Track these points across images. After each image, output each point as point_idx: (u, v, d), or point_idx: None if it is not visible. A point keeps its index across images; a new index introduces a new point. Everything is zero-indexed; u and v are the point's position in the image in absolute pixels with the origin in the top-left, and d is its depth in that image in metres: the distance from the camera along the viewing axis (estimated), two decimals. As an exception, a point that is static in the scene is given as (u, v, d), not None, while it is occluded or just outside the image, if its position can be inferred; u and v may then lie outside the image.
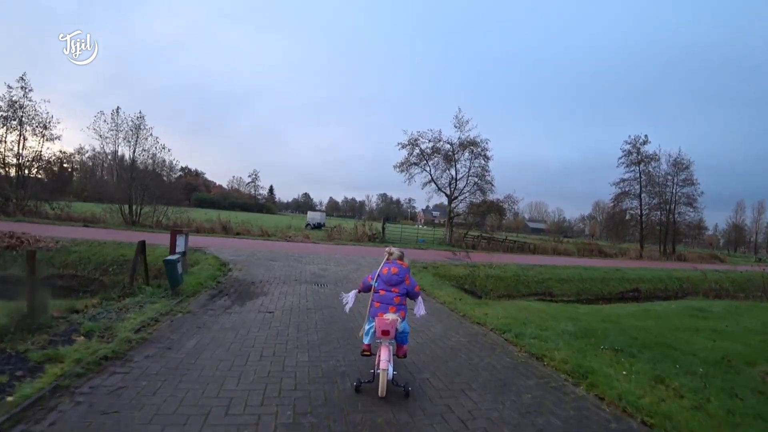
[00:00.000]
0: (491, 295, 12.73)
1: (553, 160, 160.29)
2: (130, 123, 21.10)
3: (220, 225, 23.34)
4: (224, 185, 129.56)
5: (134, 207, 21.44)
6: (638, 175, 39.88)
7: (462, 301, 8.46)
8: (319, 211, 40.50)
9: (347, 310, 4.39)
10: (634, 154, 39.51)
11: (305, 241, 19.76)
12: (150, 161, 22.10)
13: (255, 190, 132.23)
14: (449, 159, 29.53)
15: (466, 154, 29.50)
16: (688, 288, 19.15)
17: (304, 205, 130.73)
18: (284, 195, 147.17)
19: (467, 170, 29.76)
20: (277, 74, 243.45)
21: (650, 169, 39.57)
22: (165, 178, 25.21)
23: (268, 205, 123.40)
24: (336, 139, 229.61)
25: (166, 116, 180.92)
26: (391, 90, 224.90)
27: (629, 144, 39.49)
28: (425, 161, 29.71)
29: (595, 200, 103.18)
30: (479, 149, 29.03)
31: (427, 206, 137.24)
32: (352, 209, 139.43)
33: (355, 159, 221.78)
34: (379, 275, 3.99)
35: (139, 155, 21.71)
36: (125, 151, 21.41)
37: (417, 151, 29.57)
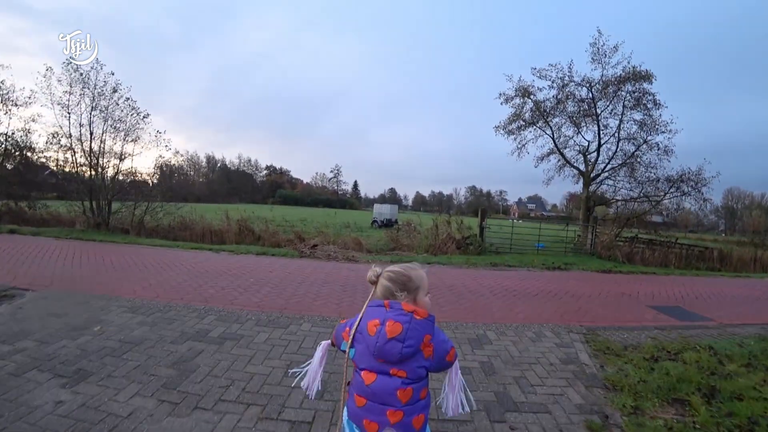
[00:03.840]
0: None
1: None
2: (84, 80, 13.87)
3: (238, 226, 15.74)
4: (310, 182, 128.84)
5: (101, 204, 14.41)
6: None
7: None
8: (390, 203, 31.35)
9: (311, 396, 1.80)
10: None
11: (335, 260, 10.72)
12: (122, 138, 14.79)
13: (337, 186, 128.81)
14: (584, 115, 18.25)
15: (610, 106, 17.96)
16: None
17: (389, 200, 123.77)
18: (371, 191, 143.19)
19: (615, 129, 18.18)
20: (357, 75, 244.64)
21: None
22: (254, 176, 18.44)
23: (350, 200, 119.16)
24: (421, 133, 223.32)
25: (259, 122, 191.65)
26: (477, 81, 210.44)
27: None
28: (543, 120, 18.75)
29: (727, 187, 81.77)
30: (638, 91, 17.28)
31: (520, 199, 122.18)
32: (440, 203, 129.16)
33: (441, 153, 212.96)
34: (355, 336, 1.54)
35: (108, 131, 14.56)
36: (86, 123, 14.41)
37: (530, 105, 18.79)
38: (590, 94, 17.66)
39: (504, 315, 5.59)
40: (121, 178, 15.55)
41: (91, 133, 14.29)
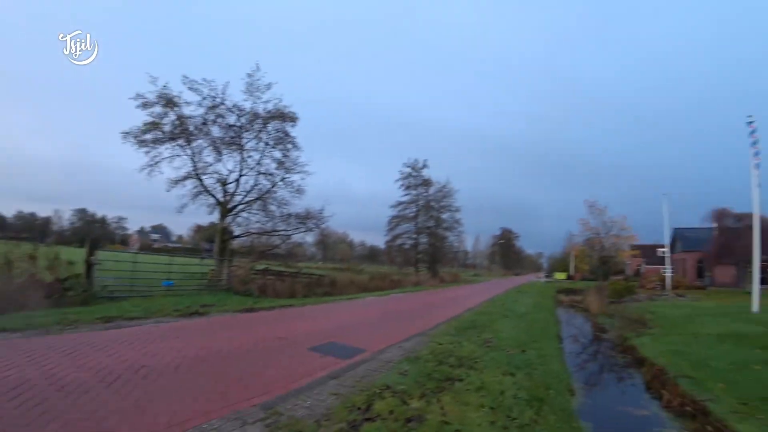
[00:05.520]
0: None
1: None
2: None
3: None
4: None
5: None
6: (416, 198, 43.08)
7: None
8: None
9: None
10: (413, 178, 42.64)
11: None
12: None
13: None
14: (229, 143, 17.40)
15: (254, 140, 18.22)
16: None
17: None
18: None
19: (255, 163, 18.38)
20: None
21: (425, 194, 43.32)
22: None
23: None
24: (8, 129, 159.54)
25: None
26: (106, 78, 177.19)
27: (408, 167, 42.55)
28: (185, 138, 16.41)
29: (323, 227, 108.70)
30: (281, 131, 18.35)
31: (142, 228, 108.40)
32: (32, 228, 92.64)
33: (38, 160, 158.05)
34: None
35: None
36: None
37: (172, 117, 16.05)
38: (239, 122, 17.18)
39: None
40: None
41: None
